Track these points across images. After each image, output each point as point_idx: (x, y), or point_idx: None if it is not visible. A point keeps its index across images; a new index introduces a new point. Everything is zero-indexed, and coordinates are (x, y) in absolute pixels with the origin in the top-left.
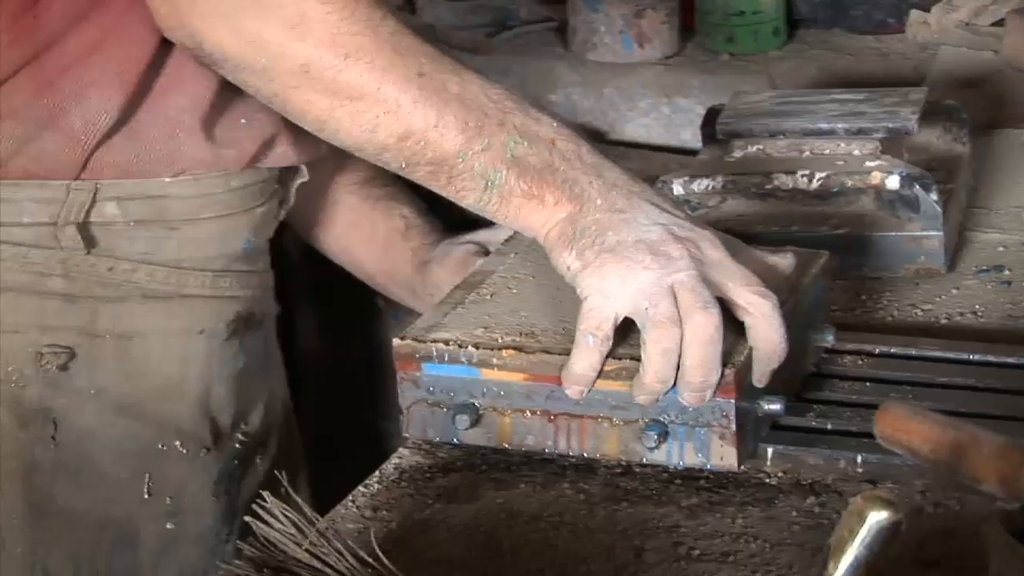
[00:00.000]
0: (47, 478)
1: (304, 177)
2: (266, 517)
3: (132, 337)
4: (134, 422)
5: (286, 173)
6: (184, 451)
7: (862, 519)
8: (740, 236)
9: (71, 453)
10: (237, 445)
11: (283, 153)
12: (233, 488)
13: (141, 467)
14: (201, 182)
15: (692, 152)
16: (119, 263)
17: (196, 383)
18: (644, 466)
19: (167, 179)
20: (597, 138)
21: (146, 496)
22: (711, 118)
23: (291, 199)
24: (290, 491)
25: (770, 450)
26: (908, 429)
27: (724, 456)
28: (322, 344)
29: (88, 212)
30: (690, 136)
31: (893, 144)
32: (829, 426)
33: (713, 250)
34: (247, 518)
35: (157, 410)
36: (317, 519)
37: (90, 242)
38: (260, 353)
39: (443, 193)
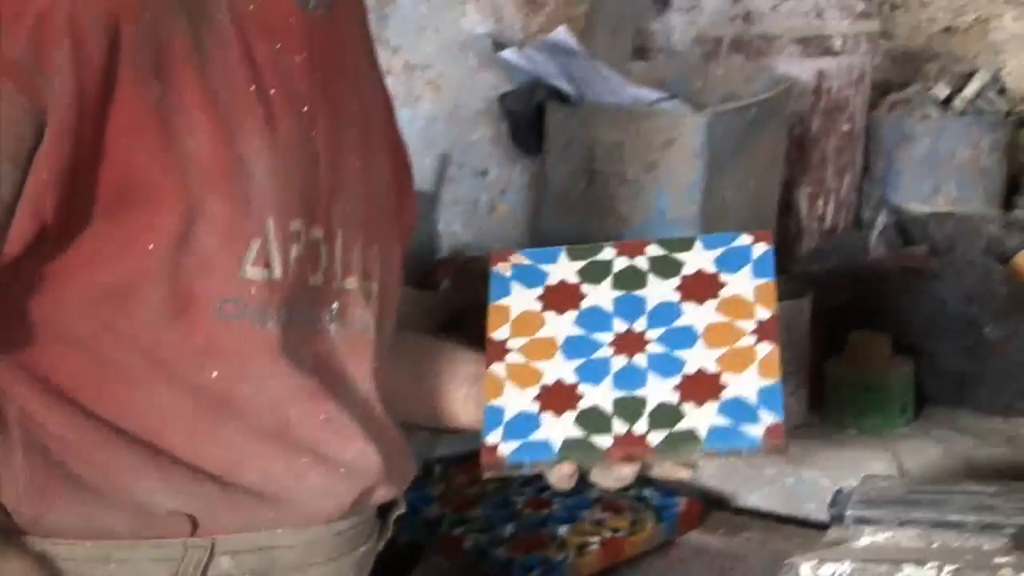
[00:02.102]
0: None
1: (402, 509)
2: None
3: None
4: None
5: (385, 505)
6: None
7: None
8: None
9: None
10: None
11: (382, 494)
12: None
13: None
14: (310, 530)
15: (815, 526)
16: None
17: None
18: None
19: (278, 531)
20: (719, 505)
21: None
22: (840, 500)
23: (389, 530)
24: None
25: None
26: None
27: None
28: None
29: (205, 569)
30: (813, 508)
31: (1023, 539)
32: None
33: None
34: None
35: None
36: None
37: None
38: None
39: None
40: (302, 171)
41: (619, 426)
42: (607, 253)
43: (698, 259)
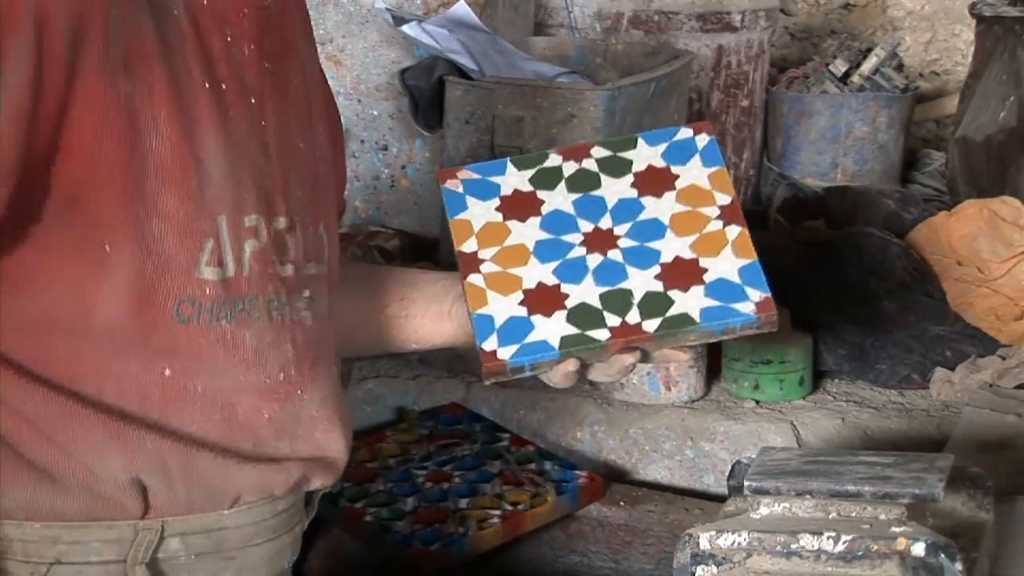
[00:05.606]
0: None
1: (327, 487)
2: None
3: None
4: None
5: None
6: None
7: None
8: None
9: None
10: None
11: (323, 477)
12: None
13: None
14: (254, 510)
15: (714, 497)
16: None
17: None
18: None
19: (225, 511)
20: (620, 478)
21: None
22: (738, 471)
23: (314, 509)
24: None
25: None
26: None
27: None
28: None
29: (155, 550)
30: (713, 481)
31: (918, 509)
32: None
33: None
34: None
35: None
36: None
37: None
38: None
39: None
40: (255, 165)
41: (612, 319)
42: (553, 159)
43: (645, 155)
